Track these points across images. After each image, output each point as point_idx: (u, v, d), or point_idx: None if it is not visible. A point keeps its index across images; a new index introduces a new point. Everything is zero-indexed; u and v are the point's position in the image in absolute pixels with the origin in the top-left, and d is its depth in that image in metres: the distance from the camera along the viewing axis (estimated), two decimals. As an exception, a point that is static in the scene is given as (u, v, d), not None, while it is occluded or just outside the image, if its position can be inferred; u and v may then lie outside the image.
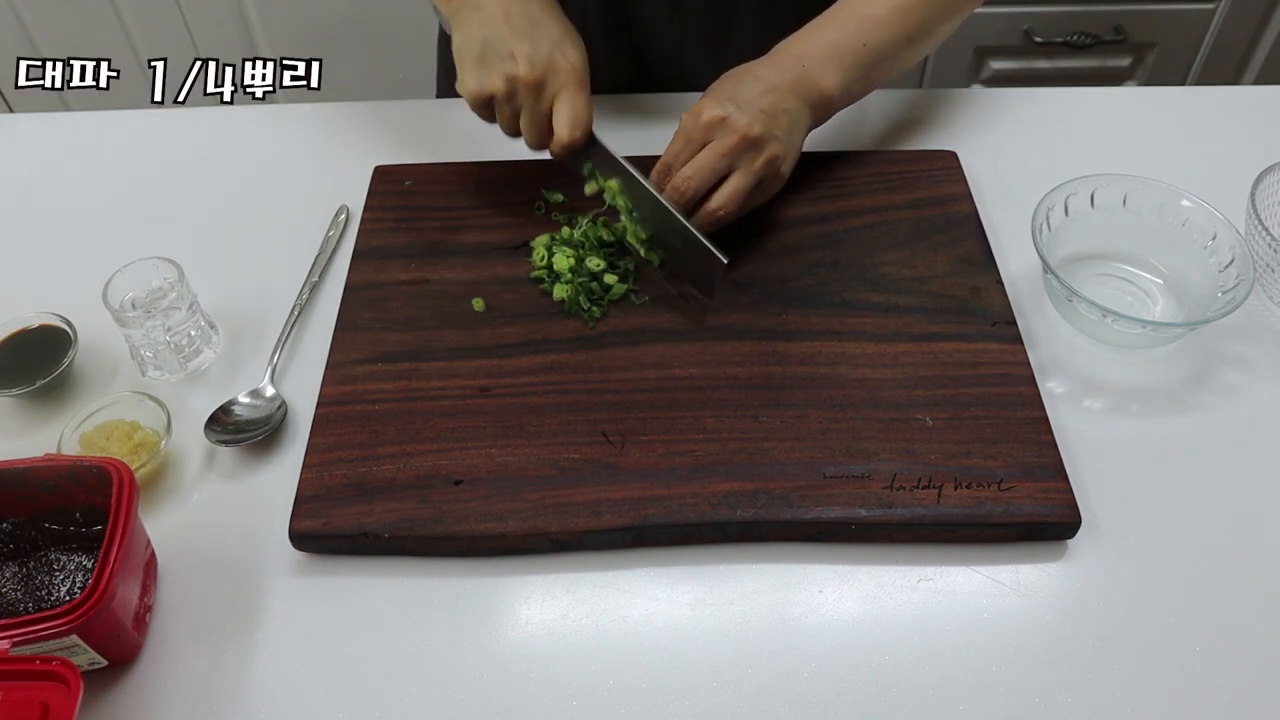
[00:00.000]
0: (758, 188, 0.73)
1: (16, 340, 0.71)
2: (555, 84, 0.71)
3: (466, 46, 0.72)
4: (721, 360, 0.69)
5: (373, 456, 0.64)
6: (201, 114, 0.94)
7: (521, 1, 0.72)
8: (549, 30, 0.72)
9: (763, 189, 0.74)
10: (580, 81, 0.72)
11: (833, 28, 0.76)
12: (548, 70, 0.71)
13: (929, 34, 0.78)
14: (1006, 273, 0.75)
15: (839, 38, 0.76)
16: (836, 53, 0.75)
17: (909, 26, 0.76)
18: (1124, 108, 0.93)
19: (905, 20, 0.76)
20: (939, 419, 0.65)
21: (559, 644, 0.58)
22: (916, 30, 0.77)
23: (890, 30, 0.76)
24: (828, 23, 0.77)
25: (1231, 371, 0.71)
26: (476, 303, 0.73)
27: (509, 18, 0.71)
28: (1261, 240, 0.72)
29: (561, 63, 0.71)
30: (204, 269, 0.74)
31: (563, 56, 0.71)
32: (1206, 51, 1.56)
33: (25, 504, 0.59)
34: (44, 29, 1.60)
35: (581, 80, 0.72)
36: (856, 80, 0.76)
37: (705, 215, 0.71)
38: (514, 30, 0.71)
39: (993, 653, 0.57)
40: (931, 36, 0.79)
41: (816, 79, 0.74)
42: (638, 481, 0.62)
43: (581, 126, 0.72)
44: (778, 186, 0.75)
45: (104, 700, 0.56)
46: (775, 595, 0.60)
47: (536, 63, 0.70)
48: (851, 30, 0.76)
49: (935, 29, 0.79)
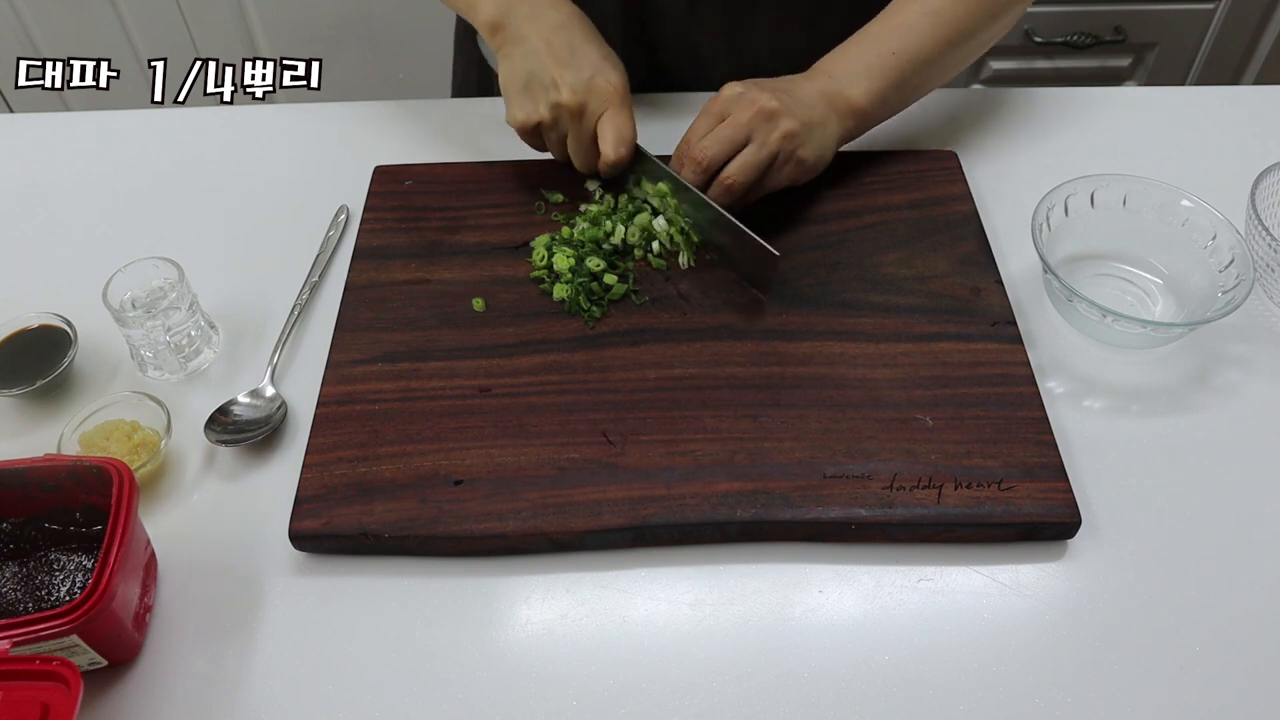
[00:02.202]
0: (774, 167, 0.73)
1: (16, 340, 0.71)
2: (597, 106, 0.74)
3: (512, 79, 0.75)
4: (721, 360, 0.69)
5: (373, 456, 0.64)
6: (201, 114, 0.94)
7: (562, 31, 0.74)
8: (589, 56, 0.74)
9: (780, 171, 0.74)
10: (622, 101, 0.74)
11: (862, 42, 0.78)
12: (589, 94, 0.73)
13: (970, 37, 0.78)
14: (1006, 273, 0.75)
15: (867, 50, 0.77)
16: (864, 64, 0.77)
17: (944, 31, 0.77)
18: (1124, 108, 0.93)
19: (938, 25, 0.77)
20: (939, 419, 0.65)
21: (559, 644, 0.58)
22: (954, 33, 0.77)
23: (921, 36, 0.76)
24: (859, 39, 0.79)
25: (1231, 371, 0.71)
26: (477, 303, 0.73)
27: (551, 48, 0.73)
28: (1261, 240, 0.72)
29: (603, 85, 0.73)
30: (204, 269, 0.74)
31: (604, 80, 0.74)
32: (1206, 51, 1.56)
33: (25, 504, 0.59)
34: (44, 29, 1.60)
35: (623, 100, 0.74)
36: (891, 88, 0.77)
37: (717, 185, 0.73)
38: (556, 59, 0.73)
39: (993, 653, 0.57)
40: (973, 39, 0.79)
41: (844, 90, 0.76)
42: (638, 481, 0.62)
43: (626, 145, 0.74)
44: (798, 174, 0.75)
45: (104, 700, 0.56)
46: (775, 595, 0.60)
47: (578, 88, 0.73)
48: (881, 41, 0.77)
49: (976, 32, 0.78)
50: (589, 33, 0.76)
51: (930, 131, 0.88)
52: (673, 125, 0.79)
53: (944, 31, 0.77)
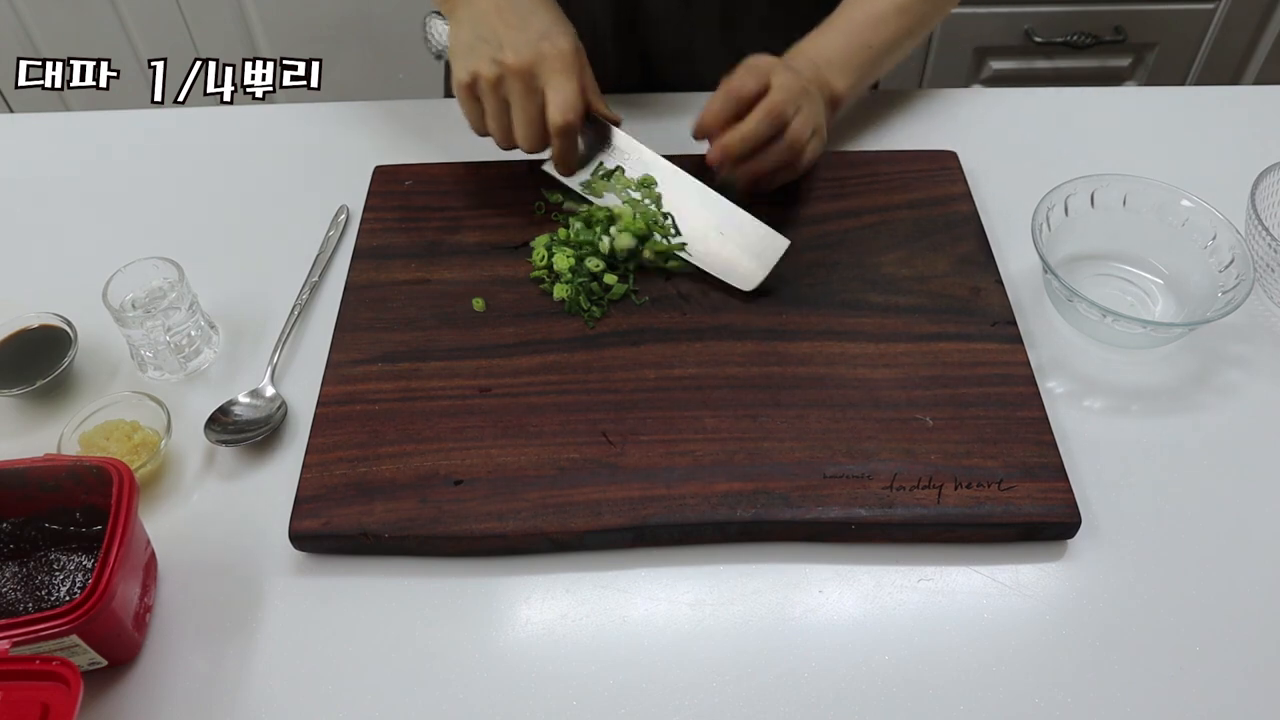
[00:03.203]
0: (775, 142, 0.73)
1: (16, 340, 0.71)
2: (544, 71, 0.70)
3: (459, 40, 0.73)
4: (721, 360, 0.69)
5: (373, 456, 0.64)
6: (201, 114, 0.94)
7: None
8: (539, 20, 0.72)
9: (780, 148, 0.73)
10: (568, 67, 0.71)
11: (840, 30, 0.80)
12: (536, 57, 0.70)
13: (924, 28, 0.83)
14: (1006, 273, 0.75)
15: (845, 41, 0.79)
16: (844, 56, 0.79)
17: (907, 23, 0.81)
18: (1124, 108, 0.93)
19: (904, 18, 0.80)
20: (939, 419, 0.65)
21: (559, 644, 0.58)
22: (915, 25, 0.82)
23: (891, 29, 0.80)
24: (836, 24, 0.81)
25: (1231, 371, 0.71)
26: (477, 303, 0.73)
27: (500, 11, 0.71)
28: (1261, 240, 0.72)
29: (550, 50, 0.70)
30: (204, 269, 0.74)
31: (550, 44, 0.70)
32: (1206, 51, 1.56)
33: (25, 504, 0.59)
34: (44, 29, 1.60)
35: (569, 66, 0.71)
36: (862, 80, 0.81)
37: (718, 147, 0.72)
38: (504, 21, 0.71)
39: (993, 653, 0.57)
40: (924, 30, 0.84)
41: (829, 80, 0.78)
42: (638, 481, 0.62)
43: (574, 110, 0.71)
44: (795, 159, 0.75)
45: (104, 700, 0.56)
46: (775, 595, 0.60)
47: (524, 50, 0.70)
48: (857, 32, 0.80)
49: (930, 23, 0.84)
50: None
51: (930, 131, 0.88)
52: (665, 126, 0.79)
53: (907, 23, 0.80)
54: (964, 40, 1.53)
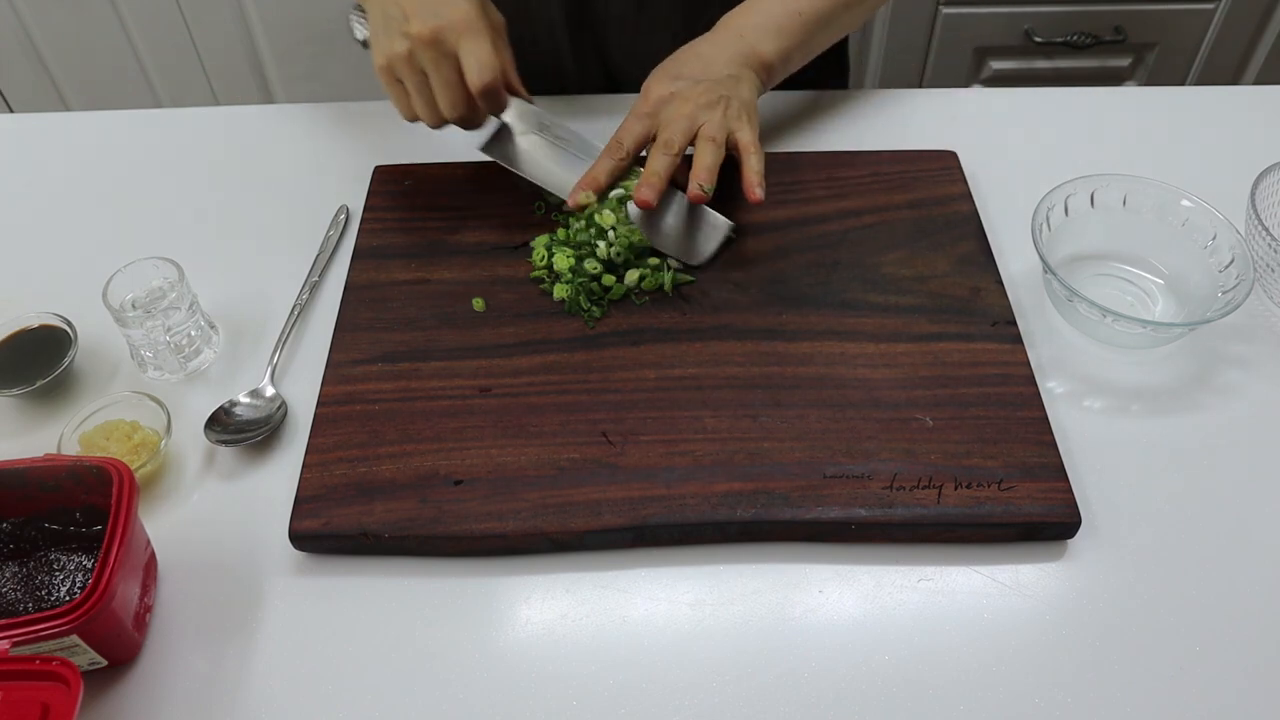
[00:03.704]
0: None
1: (16, 340, 0.71)
2: (452, 36, 0.70)
3: (373, 27, 0.73)
4: (721, 360, 0.69)
5: (373, 456, 0.64)
6: (201, 114, 0.94)
7: None
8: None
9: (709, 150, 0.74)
10: (474, 29, 0.70)
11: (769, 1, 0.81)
12: (439, 22, 0.69)
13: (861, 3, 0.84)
14: (1006, 273, 0.75)
15: (775, 9, 0.81)
16: (774, 23, 0.80)
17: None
18: (1124, 108, 0.93)
19: None
20: (939, 419, 0.65)
21: (559, 644, 0.58)
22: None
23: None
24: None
25: (1231, 371, 0.71)
26: (477, 303, 0.73)
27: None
28: (1261, 240, 0.72)
29: (451, 13, 0.69)
30: (204, 269, 0.74)
31: (452, 8, 0.70)
32: (1206, 51, 1.56)
33: (25, 504, 0.59)
34: (44, 29, 1.60)
35: (475, 28, 0.70)
36: (795, 47, 0.81)
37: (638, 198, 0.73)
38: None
39: (993, 653, 0.57)
40: (861, 7, 0.84)
41: (756, 48, 0.79)
42: (638, 481, 0.62)
43: (491, 69, 0.70)
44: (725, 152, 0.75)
45: (104, 700, 0.56)
46: (775, 595, 0.60)
47: (426, 16, 0.69)
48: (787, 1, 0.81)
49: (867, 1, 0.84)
50: None
51: (930, 131, 0.88)
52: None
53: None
54: (964, 40, 1.54)
